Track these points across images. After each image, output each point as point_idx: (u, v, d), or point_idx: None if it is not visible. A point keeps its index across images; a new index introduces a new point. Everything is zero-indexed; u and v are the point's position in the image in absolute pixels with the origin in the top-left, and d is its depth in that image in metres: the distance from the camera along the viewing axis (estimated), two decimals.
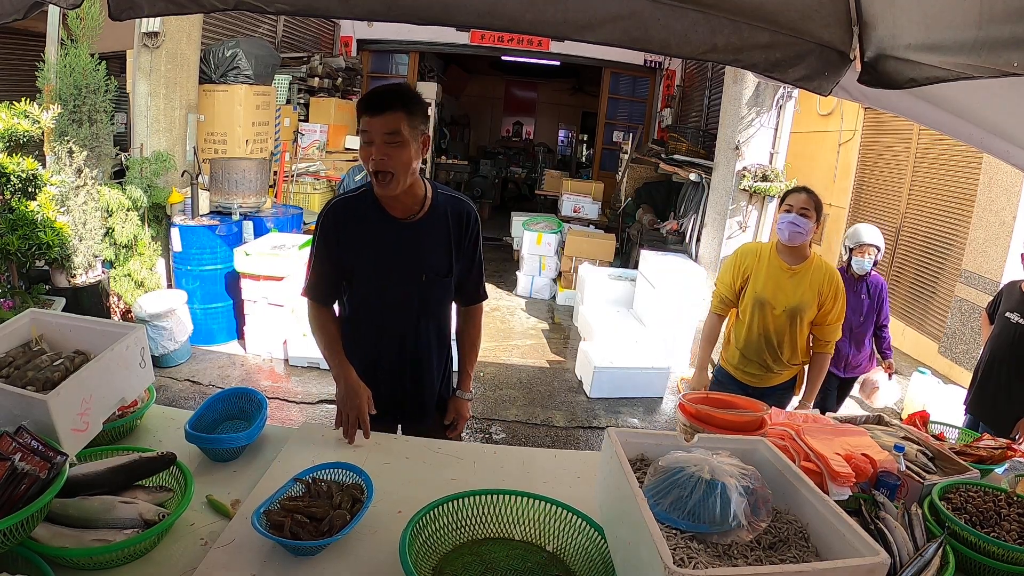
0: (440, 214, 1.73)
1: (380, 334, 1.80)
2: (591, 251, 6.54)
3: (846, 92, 1.61)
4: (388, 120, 1.52)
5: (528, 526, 1.27)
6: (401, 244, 1.71)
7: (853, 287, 3.24)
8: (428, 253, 1.73)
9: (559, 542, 1.25)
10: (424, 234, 1.72)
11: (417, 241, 1.71)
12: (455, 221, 1.75)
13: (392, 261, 1.71)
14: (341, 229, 1.70)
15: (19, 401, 1.18)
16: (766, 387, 2.57)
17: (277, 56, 5.86)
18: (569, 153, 14.68)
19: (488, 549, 1.24)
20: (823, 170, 7.00)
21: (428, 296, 1.77)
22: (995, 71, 1.01)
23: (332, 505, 1.26)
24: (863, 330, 3.34)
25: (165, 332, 4.04)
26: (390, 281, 1.73)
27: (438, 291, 1.79)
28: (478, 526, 1.26)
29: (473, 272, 1.85)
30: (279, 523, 1.18)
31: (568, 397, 4.46)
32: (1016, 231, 4.32)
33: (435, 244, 1.74)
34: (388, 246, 1.70)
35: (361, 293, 1.77)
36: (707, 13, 1.35)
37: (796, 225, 2.39)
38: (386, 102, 1.53)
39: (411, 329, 1.78)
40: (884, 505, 1.36)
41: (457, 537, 1.24)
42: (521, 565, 1.20)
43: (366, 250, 1.71)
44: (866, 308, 3.29)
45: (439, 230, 1.73)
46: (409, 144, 1.56)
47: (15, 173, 3.24)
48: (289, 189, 6.06)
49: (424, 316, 1.78)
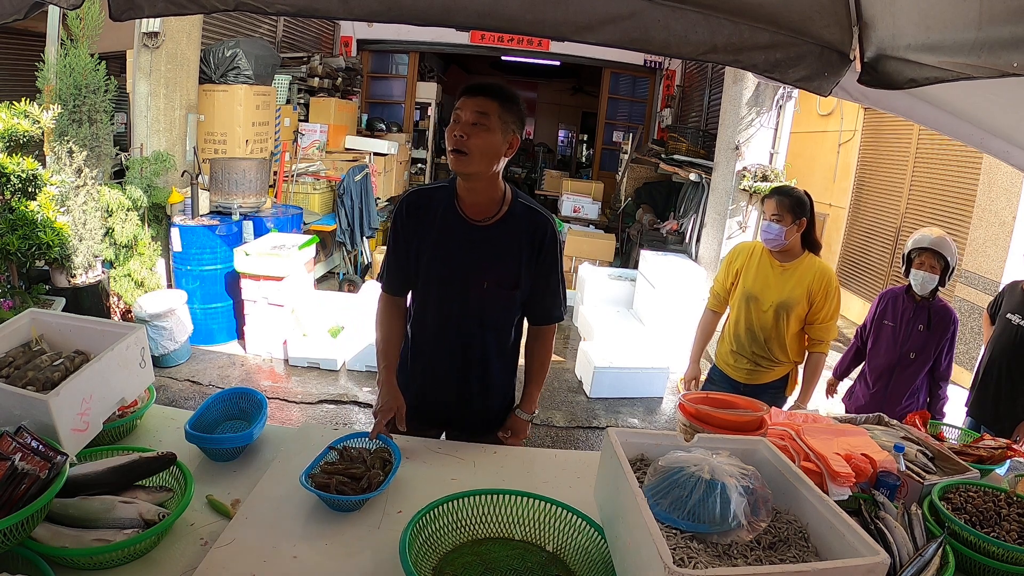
0: (516, 224, 1.66)
1: (438, 339, 1.73)
2: (591, 251, 6.55)
3: (846, 92, 1.61)
4: (481, 102, 1.53)
5: (528, 526, 1.27)
6: (469, 246, 1.64)
7: (908, 312, 2.60)
8: (495, 261, 1.66)
9: (559, 542, 1.25)
10: (495, 241, 1.65)
11: (486, 246, 1.64)
12: (530, 235, 1.67)
13: (457, 262, 1.64)
14: (414, 219, 1.66)
15: (19, 401, 1.18)
16: (757, 384, 2.58)
17: (277, 56, 5.86)
18: (569, 153, 14.69)
19: (488, 549, 1.24)
20: (823, 170, 7.00)
21: (488, 306, 1.69)
22: (995, 71, 1.01)
23: (367, 466, 1.42)
24: (911, 372, 2.59)
25: (165, 332, 4.04)
26: (452, 283, 1.66)
27: (500, 303, 1.70)
28: (478, 526, 1.27)
29: (548, 292, 1.74)
30: (324, 484, 1.33)
31: (568, 397, 4.46)
32: (1016, 231, 4.32)
33: (504, 253, 1.66)
34: (455, 246, 1.64)
35: (423, 291, 1.71)
36: (707, 14, 1.35)
37: (768, 232, 2.44)
38: (485, 89, 1.55)
39: (469, 338, 1.71)
40: (884, 505, 1.36)
41: (457, 537, 1.24)
42: (521, 565, 1.21)
43: (433, 245, 1.65)
44: (922, 344, 2.56)
45: (511, 240, 1.66)
46: (495, 132, 1.54)
47: (15, 173, 3.24)
48: (289, 189, 6.06)
49: (483, 326, 1.70)
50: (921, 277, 2.56)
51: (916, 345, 2.61)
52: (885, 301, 2.77)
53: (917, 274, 2.57)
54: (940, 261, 2.53)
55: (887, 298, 2.77)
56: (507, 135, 1.57)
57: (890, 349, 2.68)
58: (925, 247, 2.54)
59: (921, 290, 2.59)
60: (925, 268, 2.55)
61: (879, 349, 2.75)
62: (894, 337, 2.68)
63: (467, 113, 1.53)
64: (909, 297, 2.66)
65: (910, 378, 2.65)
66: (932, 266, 2.54)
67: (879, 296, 2.83)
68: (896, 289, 2.76)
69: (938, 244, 2.52)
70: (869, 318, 2.84)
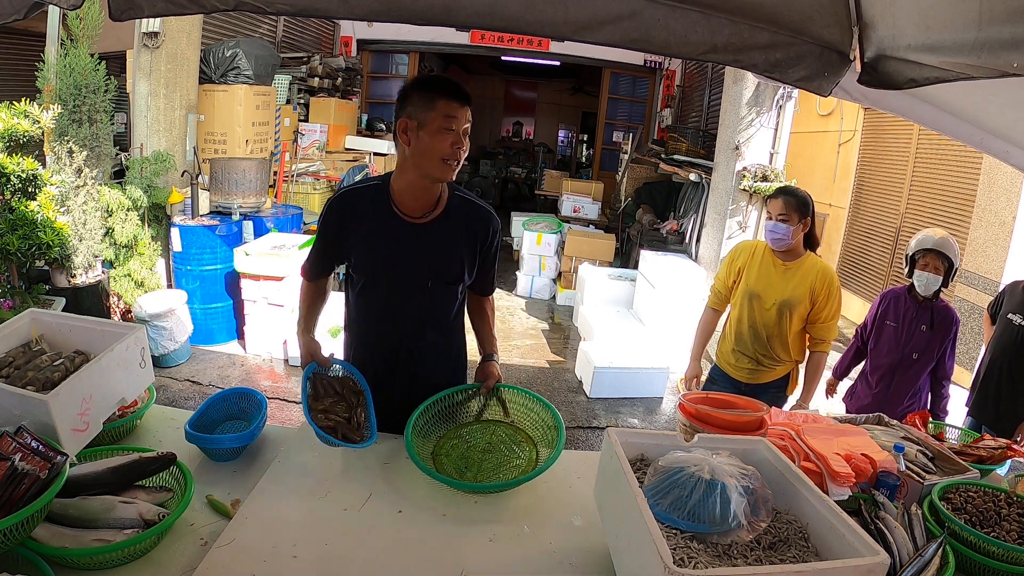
0: (455, 218, 1.66)
1: (379, 340, 1.73)
2: (591, 251, 6.54)
3: (846, 92, 1.61)
4: (468, 114, 1.56)
5: (496, 408, 1.73)
6: (408, 245, 1.63)
7: (911, 312, 2.62)
8: (436, 258, 1.65)
9: (519, 416, 1.70)
10: (434, 237, 1.64)
11: (426, 244, 1.64)
12: (471, 230, 1.67)
13: (398, 263, 1.64)
14: (345, 223, 1.64)
15: (19, 401, 1.18)
16: (758, 383, 2.59)
17: (277, 56, 5.86)
18: (569, 153, 14.69)
19: (468, 430, 1.68)
20: (823, 170, 7.00)
21: (432, 304, 1.69)
22: (995, 71, 1.01)
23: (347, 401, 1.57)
24: (914, 373, 2.63)
25: (165, 332, 4.04)
26: (393, 284, 1.65)
27: (443, 298, 1.70)
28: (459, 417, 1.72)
29: (488, 274, 1.79)
30: (330, 428, 1.47)
31: (568, 397, 4.46)
32: (1016, 231, 4.31)
33: (445, 249, 1.66)
34: (396, 247, 1.63)
35: (364, 295, 1.71)
36: (707, 14, 1.35)
37: (775, 232, 2.44)
38: (468, 96, 1.56)
39: (412, 338, 1.70)
40: (884, 505, 1.36)
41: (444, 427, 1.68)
42: (493, 437, 1.65)
43: (372, 248, 1.64)
44: (925, 344, 2.59)
45: (451, 235, 1.66)
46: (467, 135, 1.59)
47: (15, 173, 3.24)
48: (289, 189, 6.06)
49: (427, 325, 1.71)
50: (925, 278, 2.56)
51: (919, 346, 2.62)
52: (887, 301, 2.77)
53: (921, 275, 2.57)
54: (944, 262, 2.53)
55: (889, 298, 2.77)
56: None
57: (893, 349, 2.69)
58: (929, 248, 2.54)
59: (925, 291, 2.59)
60: (929, 269, 2.55)
61: (881, 349, 2.75)
62: (896, 337, 2.68)
63: (462, 123, 1.54)
64: (911, 297, 2.66)
65: (913, 378, 2.66)
66: (936, 267, 2.53)
67: (880, 296, 2.83)
68: (897, 289, 2.76)
69: (942, 245, 2.52)
70: (870, 318, 2.83)
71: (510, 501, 1.43)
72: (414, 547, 1.24)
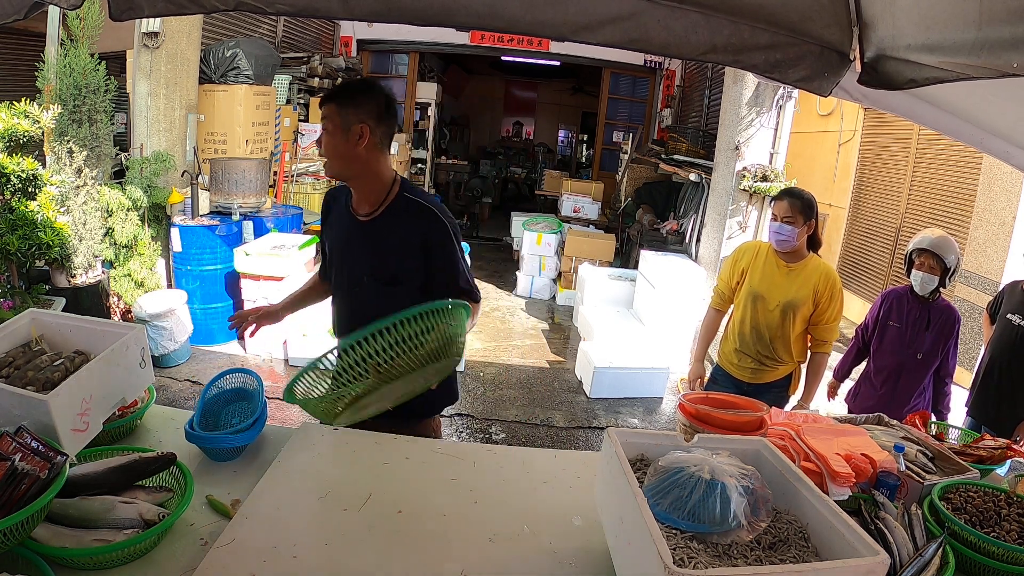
0: (397, 217, 1.65)
1: (336, 334, 1.82)
2: (591, 251, 6.55)
3: (846, 92, 1.61)
4: (323, 111, 1.64)
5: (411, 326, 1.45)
6: (353, 241, 1.68)
7: (914, 313, 2.63)
8: (372, 255, 1.65)
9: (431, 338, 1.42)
10: (374, 234, 1.65)
11: (366, 240, 1.66)
12: (415, 231, 1.65)
13: (343, 258, 1.72)
14: (326, 218, 1.82)
15: (19, 401, 1.18)
16: (760, 383, 2.59)
17: (277, 56, 5.86)
18: (569, 153, 14.69)
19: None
20: (823, 170, 7.00)
21: (365, 303, 1.65)
22: (995, 72, 1.01)
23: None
24: (919, 373, 2.63)
25: (165, 332, 4.04)
26: (338, 279, 1.74)
27: (380, 298, 1.64)
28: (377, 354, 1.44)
29: (449, 279, 1.70)
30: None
31: (568, 397, 4.46)
32: (1016, 231, 4.31)
33: (382, 247, 1.65)
34: (343, 241, 1.71)
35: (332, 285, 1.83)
36: (707, 14, 1.35)
37: (780, 233, 2.45)
38: (327, 95, 1.65)
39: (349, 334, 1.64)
40: (884, 505, 1.36)
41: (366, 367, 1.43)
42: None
43: (332, 243, 1.77)
44: (927, 344, 2.61)
45: (391, 233, 1.65)
46: (335, 133, 1.62)
47: (15, 173, 3.24)
48: (289, 189, 6.06)
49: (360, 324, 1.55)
50: (920, 277, 2.58)
51: (923, 346, 2.62)
52: (889, 301, 2.77)
53: (917, 274, 2.60)
54: (940, 262, 2.54)
55: (891, 298, 2.77)
56: (350, 129, 1.61)
57: (897, 350, 2.68)
58: (924, 248, 2.57)
59: (921, 290, 2.61)
60: (925, 269, 2.57)
61: (885, 350, 2.74)
62: (900, 338, 2.68)
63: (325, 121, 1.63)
64: (913, 297, 2.67)
65: (918, 379, 2.67)
66: (932, 267, 2.56)
67: (881, 296, 2.83)
68: (899, 289, 2.76)
69: (936, 245, 2.54)
70: (871, 318, 2.83)
71: (510, 501, 1.43)
72: (414, 547, 1.24)
